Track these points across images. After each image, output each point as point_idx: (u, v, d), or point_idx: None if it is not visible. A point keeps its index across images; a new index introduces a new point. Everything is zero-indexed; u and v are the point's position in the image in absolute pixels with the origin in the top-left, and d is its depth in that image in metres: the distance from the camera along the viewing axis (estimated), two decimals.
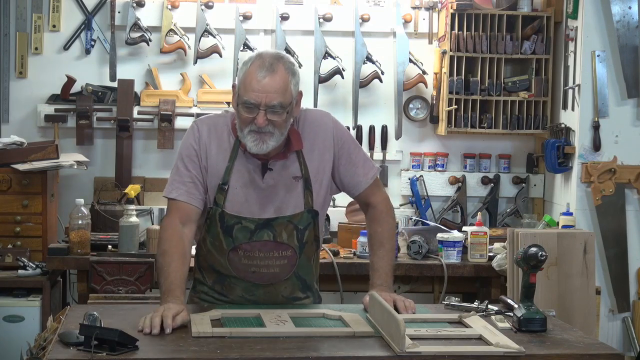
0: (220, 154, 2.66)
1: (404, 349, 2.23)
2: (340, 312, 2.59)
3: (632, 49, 4.33)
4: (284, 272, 2.71)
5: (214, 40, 4.71)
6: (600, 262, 4.33)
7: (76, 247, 4.06)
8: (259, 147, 2.55)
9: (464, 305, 2.72)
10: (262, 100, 2.50)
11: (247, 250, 2.66)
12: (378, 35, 4.84)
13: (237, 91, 2.57)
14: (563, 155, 4.43)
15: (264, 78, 2.50)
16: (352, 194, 2.81)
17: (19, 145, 4.39)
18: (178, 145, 4.67)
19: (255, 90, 2.50)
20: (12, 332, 4.04)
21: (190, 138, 2.69)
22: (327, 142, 2.72)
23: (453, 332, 2.45)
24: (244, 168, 2.65)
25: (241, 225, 2.64)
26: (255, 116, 2.51)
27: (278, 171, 2.65)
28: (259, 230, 2.64)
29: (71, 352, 2.19)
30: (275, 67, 2.52)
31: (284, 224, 2.66)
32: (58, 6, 4.72)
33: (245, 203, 2.64)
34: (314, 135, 2.70)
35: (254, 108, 2.51)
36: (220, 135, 2.68)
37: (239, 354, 2.20)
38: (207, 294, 2.78)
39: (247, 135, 2.55)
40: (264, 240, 2.65)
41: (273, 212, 2.65)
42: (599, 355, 2.30)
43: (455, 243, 4.22)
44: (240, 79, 2.55)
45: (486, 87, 4.65)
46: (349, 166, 2.75)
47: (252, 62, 2.54)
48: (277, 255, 2.67)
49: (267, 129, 2.53)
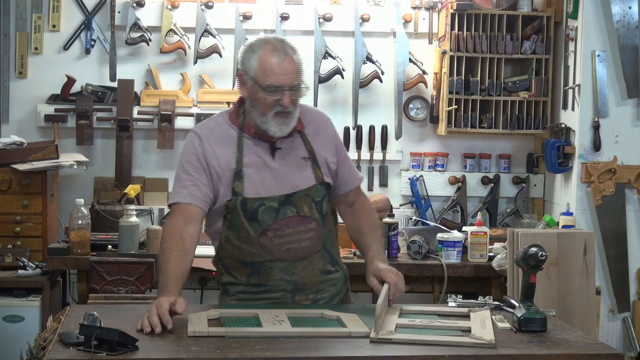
0: (225, 147, 2.73)
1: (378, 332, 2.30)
2: (338, 312, 2.59)
3: (632, 49, 4.33)
4: (314, 244, 2.77)
5: (214, 40, 4.72)
6: (600, 262, 4.33)
7: (76, 247, 4.06)
8: (282, 130, 2.69)
9: (469, 302, 2.74)
10: (286, 82, 2.64)
11: (276, 230, 2.71)
12: (378, 35, 4.84)
13: (254, 78, 2.66)
14: (563, 155, 4.43)
15: (283, 61, 2.64)
16: (343, 189, 2.91)
17: (19, 145, 4.39)
18: (178, 145, 4.75)
19: (277, 73, 2.63)
20: (12, 332, 4.04)
21: (189, 146, 2.76)
22: (329, 136, 2.86)
23: (444, 324, 2.47)
24: (253, 153, 2.73)
25: (265, 206, 2.70)
26: (281, 98, 2.63)
27: (287, 151, 2.76)
28: (282, 207, 2.71)
29: (71, 352, 2.19)
30: (287, 49, 2.68)
31: (303, 198, 2.74)
32: (58, 6, 4.72)
33: (263, 185, 2.72)
34: (317, 125, 2.84)
35: (279, 90, 2.63)
36: (220, 131, 2.76)
37: (238, 353, 2.20)
38: (243, 292, 2.79)
39: (272, 120, 2.66)
40: (288, 216, 2.72)
41: (290, 188, 2.73)
42: (599, 355, 2.30)
43: (455, 243, 4.22)
44: (255, 66, 2.65)
45: (486, 87, 4.65)
46: (345, 163, 2.90)
47: (262, 48, 2.66)
48: (303, 229, 2.74)
49: (289, 109, 2.66)
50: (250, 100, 2.70)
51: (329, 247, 2.82)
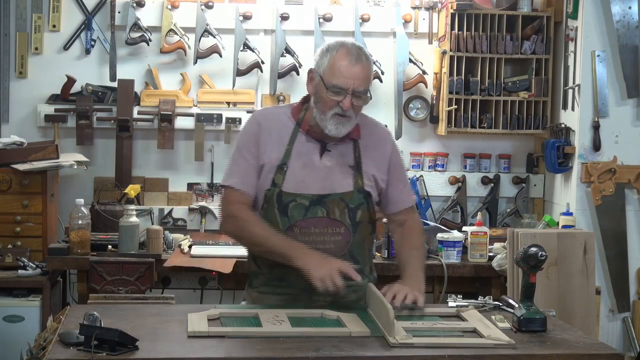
0: (279, 137, 2.80)
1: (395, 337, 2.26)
2: (338, 312, 2.59)
3: (632, 49, 4.33)
4: (338, 248, 2.78)
5: (214, 40, 4.71)
6: (600, 262, 4.33)
7: (76, 247, 4.06)
8: (338, 130, 2.74)
9: (470, 302, 2.73)
10: (351, 86, 2.69)
11: (303, 227, 2.76)
12: (378, 35, 4.84)
13: (322, 76, 2.72)
14: (563, 155, 4.43)
15: (354, 66, 2.70)
16: (393, 209, 2.93)
17: (19, 145, 4.39)
18: (178, 145, 4.77)
19: (345, 75, 2.69)
20: (12, 332, 4.04)
21: (249, 129, 2.84)
22: (385, 153, 2.89)
23: (448, 325, 2.47)
24: (303, 149, 2.79)
25: (296, 202, 2.75)
26: (342, 100, 2.69)
27: (335, 155, 2.80)
28: (312, 207, 2.76)
29: (71, 352, 2.19)
30: (362, 56, 2.73)
31: (336, 201, 2.77)
32: (58, 6, 4.72)
33: (302, 182, 2.77)
34: (374, 139, 2.88)
35: (342, 92, 2.69)
36: (279, 121, 2.83)
37: (239, 353, 2.20)
38: (264, 284, 2.83)
39: (330, 119, 2.72)
40: (318, 216, 2.76)
41: (326, 189, 2.78)
42: (599, 355, 2.30)
43: (455, 243, 4.22)
44: (326, 65, 2.72)
45: (486, 87, 4.65)
46: (398, 182, 2.92)
47: (337, 50, 2.72)
48: (331, 231, 2.77)
49: (349, 113, 2.71)
50: (315, 97, 2.77)
51: (356, 254, 2.83)
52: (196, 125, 4.70)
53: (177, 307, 2.90)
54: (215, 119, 4.70)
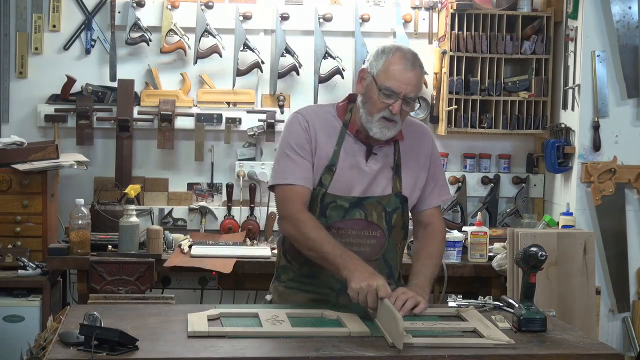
0: (327, 137, 2.78)
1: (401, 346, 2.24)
2: (338, 312, 2.59)
3: (632, 49, 4.33)
4: (373, 252, 2.78)
5: (214, 40, 4.72)
6: (600, 262, 4.33)
7: (76, 247, 4.06)
8: (383, 134, 2.72)
9: (470, 302, 2.73)
10: (403, 90, 2.67)
11: (341, 229, 2.75)
12: (378, 35, 4.83)
13: (375, 77, 2.70)
14: (563, 155, 4.43)
15: (409, 71, 2.68)
16: (418, 207, 2.91)
17: (19, 145, 4.39)
18: (178, 145, 4.76)
19: (398, 80, 2.67)
20: (12, 332, 4.04)
21: (297, 126, 2.79)
22: (425, 149, 2.88)
23: (448, 325, 2.47)
24: (351, 151, 2.78)
25: (336, 204, 2.75)
26: (392, 103, 2.67)
27: (379, 158, 2.79)
28: (351, 209, 2.75)
29: (71, 352, 2.18)
30: (416, 63, 2.71)
31: (373, 205, 2.76)
32: (58, 6, 4.72)
33: (347, 185, 2.76)
34: (415, 138, 2.86)
35: (394, 96, 2.68)
36: (325, 121, 2.81)
37: (239, 353, 2.20)
38: (293, 280, 2.83)
39: (377, 122, 2.70)
40: (356, 218, 2.76)
41: (364, 192, 2.76)
42: (599, 355, 2.30)
43: (455, 243, 4.22)
44: (380, 67, 2.70)
45: (486, 87, 4.65)
46: (430, 180, 2.89)
47: (393, 53, 2.70)
48: (367, 234, 2.77)
49: (396, 118, 2.70)
50: (364, 97, 2.74)
51: (389, 258, 2.82)
52: (196, 125, 4.70)
53: (177, 307, 2.89)
54: (215, 119, 4.70)
